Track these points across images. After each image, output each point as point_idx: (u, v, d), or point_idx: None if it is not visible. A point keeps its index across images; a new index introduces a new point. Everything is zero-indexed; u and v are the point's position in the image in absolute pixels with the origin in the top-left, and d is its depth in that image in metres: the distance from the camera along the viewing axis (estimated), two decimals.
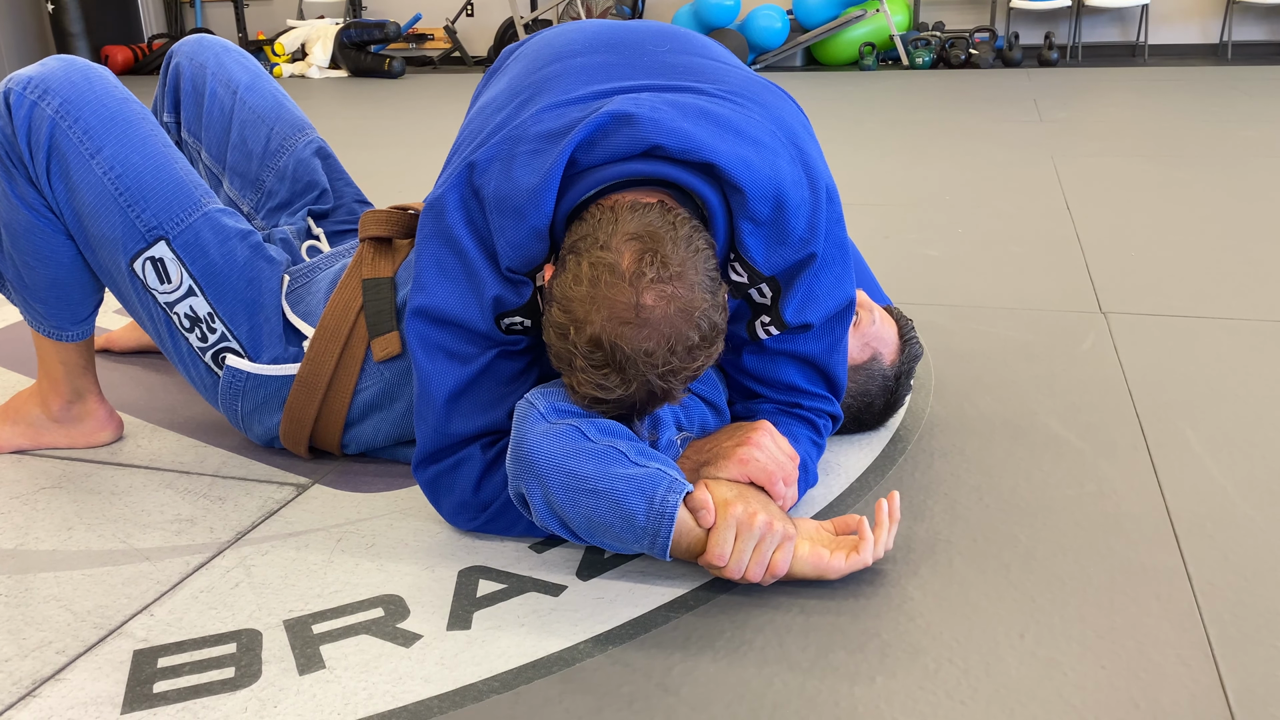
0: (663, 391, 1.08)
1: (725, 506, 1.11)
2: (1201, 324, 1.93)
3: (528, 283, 1.16)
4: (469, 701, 0.99)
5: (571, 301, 1.06)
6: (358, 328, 1.38)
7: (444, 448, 1.22)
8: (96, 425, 1.54)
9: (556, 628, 1.09)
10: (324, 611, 1.13)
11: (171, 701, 1.00)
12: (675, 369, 1.06)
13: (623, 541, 1.11)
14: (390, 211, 1.45)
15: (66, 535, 1.31)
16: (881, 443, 1.49)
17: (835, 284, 1.23)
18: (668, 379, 1.07)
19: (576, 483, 1.09)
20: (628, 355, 1.04)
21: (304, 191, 1.60)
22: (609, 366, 1.05)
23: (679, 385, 1.09)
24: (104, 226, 1.33)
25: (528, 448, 1.11)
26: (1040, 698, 0.97)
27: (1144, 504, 1.31)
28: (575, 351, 1.06)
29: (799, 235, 1.17)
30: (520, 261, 1.14)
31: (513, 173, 1.12)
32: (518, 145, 1.14)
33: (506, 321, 1.17)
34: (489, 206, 1.13)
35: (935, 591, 1.14)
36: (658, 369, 1.05)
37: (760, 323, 1.23)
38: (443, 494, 1.25)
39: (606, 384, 1.06)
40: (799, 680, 1.00)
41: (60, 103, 1.30)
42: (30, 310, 1.43)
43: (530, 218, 1.11)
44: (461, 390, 1.20)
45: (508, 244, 1.13)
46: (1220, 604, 1.10)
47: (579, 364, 1.07)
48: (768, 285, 1.20)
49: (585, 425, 1.12)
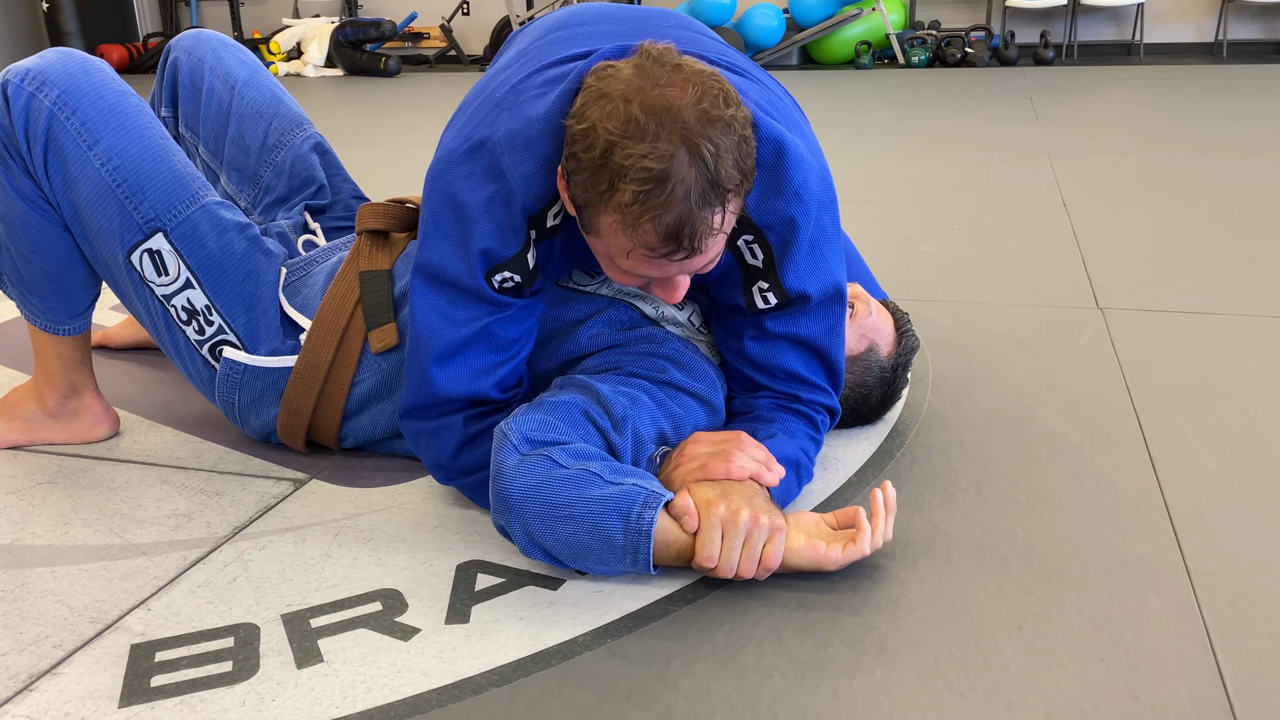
0: (713, 160, 0.98)
1: (708, 507, 1.11)
2: (1198, 319, 1.93)
3: (522, 234, 1.15)
4: (467, 695, 0.99)
5: (585, 112, 1.02)
6: (355, 320, 1.38)
7: (426, 405, 1.24)
8: (93, 420, 1.53)
9: (555, 621, 1.09)
10: (322, 606, 1.13)
11: (169, 695, 1.00)
12: (712, 118, 0.99)
13: (606, 563, 1.11)
14: (387, 205, 1.45)
15: (63, 530, 1.30)
16: (879, 437, 1.49)
17: (834, 260, 1.24)
18: (709, 136, 0.98)
19: (552, 510, 1.10)
20: (658, 109, 0.98)
21: (301, 187, 1.60)
22: (642, 135, 0.98)
23: (726, 161, 1.00)
24: (101, 218, 1.33)
25: (503, 484, 1.12)
26: (1039, 690, 0.97)
27: (1142, 497, 1.31)
28: (606, 144, 0.99)
29: (793, 189, 1.17)
30: (534, 197, 1.13)
31: (520, 112, 1.13)
32: (523, 93, 1.15)
33: (498, 278, 1.17)
34: (500, 149, 1.13)
35: (934, 585, 1.14)
36: (692, 126, 0.98)
37: (758, 288, 1.23)
38: (422, 449, 1.28)
39: (648, 162, 0.97)
40: (798, 673, 1.00)
41: (58, 94, 1.30)
42: (27, 304, 1.43)
43: (539, 147, 1.11)
44: (449, 353, 1.20)
45: (521, 178, 1.12)
46: (1218, 596, 1.10)
47: (615, 158, 0.98)
48: (759, 245, 1.20)
49: (557, 453, 1.13)
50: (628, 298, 1.33)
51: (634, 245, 1.03)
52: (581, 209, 1.06)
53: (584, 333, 1.30)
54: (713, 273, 1.24)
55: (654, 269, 1.06)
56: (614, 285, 1.34)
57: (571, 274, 1.35)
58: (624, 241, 1.03)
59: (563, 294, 1.33)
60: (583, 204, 1.05)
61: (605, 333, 1.30)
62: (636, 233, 1.01)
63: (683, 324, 1.34)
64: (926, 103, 5.16)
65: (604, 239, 1.06)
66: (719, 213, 1.02)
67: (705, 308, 1.36)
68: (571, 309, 1.32)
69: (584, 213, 1.06)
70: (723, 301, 1.28)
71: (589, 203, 1.04)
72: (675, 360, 1.26)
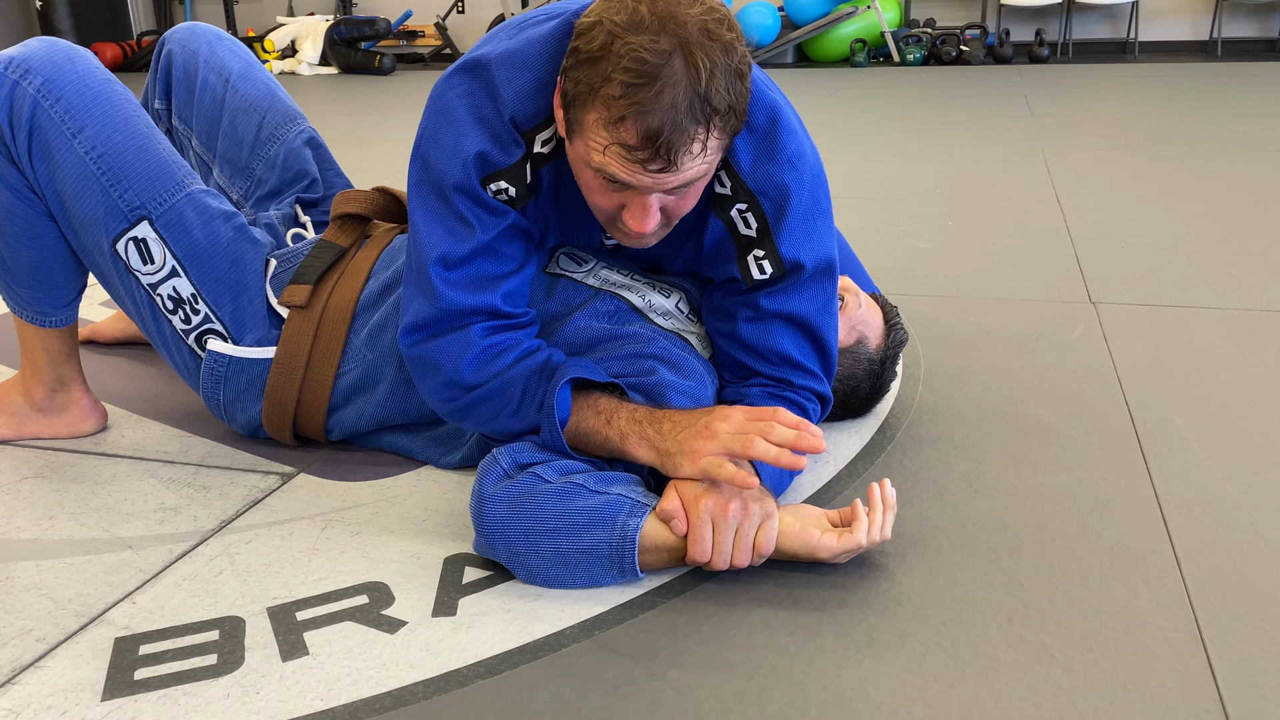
0: (706, 74, 0.99)
1: (695, 502, 1.11)
2: (1190, 314, 1.93)
3: (521, 144, 1.16)
4: (454, 687, 0.98)
5: (592, 10, 1.04)
6: (331, 307, 1.37)
7: (434, 319, 1.20)
8: (80, 415, 1.52)
9: (543, 614, 1.08)
10: (308, 599, 1.12)
11: (153, 688, 0.99)
12: (714, 35, 1.00)
13: (593, 576, 1.11)
14: (369, 191, 1.45)
15: (48, 524, 1.29)
16: (870, 430, 1.49)
17: (826, 234, 1.25)
18: (707, 51, 0.99)
19: (537, 525, 1.10)
20: (664, 13, 0.99)
21: (294, 180, 1.59)
22: (643, 29, 0.99)
23: (719, 81, 1.00)
24: (86, 207, 1.32)
25: (484, 510, 1.12)
26: (1028, 680, 0.96)
27: (1132, 490, 1.30)
28: (608, 34, 1.00)
29: (786, 155, 1.18)
30: (525, 113, 1.14)
31: (519, 35, 1.15)
32: (522, 27, 1.17)
33: (493, 187, 1.17)
34: (494, 66, 1.14)
35: (923, 576, 1.13)
36: (693, 35, 0.99)
37: (753, 257, 1.23)
38: (428, 369, 1.22)
39: (643, 54, 0.98)
40: (786, 664, 1.00)
41: (42, 82, 1.29)
42: (13, 295, 1.42)
43: (536, 66, 1.13)
44: (454, 264, 1.19)
45: (513, 93, 1.14)
46: (1208, 587, 1.10)
47: (614, 48, 0.99)
48: (752, 213, 1.20)
49: (543, 469, 1.13)
50: (613, 288, 1.32)
51: (612, 141, 1.03)
52: (570, 105, 1.06)
53: (570, 325, 1.29)
54: (705, 249, 1.24)
55: (628, 173, 1.05)
56: (601, 274, 1.34)
57: (558, 258, 1.35)
58: (604, 137, 1.04)
59: (549, 283, 1.33)
60: (573, 98, 1.05)
61: (592, 324, 1.29)
62: (619, 129, 1.02)
63: (671, 312, 1.33)
64: (921, 101, 5.15)
65: (587, 136, 1.06)
66: (701, 132, 1.02)
67: (694, 298, 1.36)
68: (558, 301, 1.31)
69: (572, 108, 1.06)
70: (716, 278, 1.28)
71: (578, 96, 1.04)
72: (664, 359, 1.26)
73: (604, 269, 1.34)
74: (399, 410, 1.38)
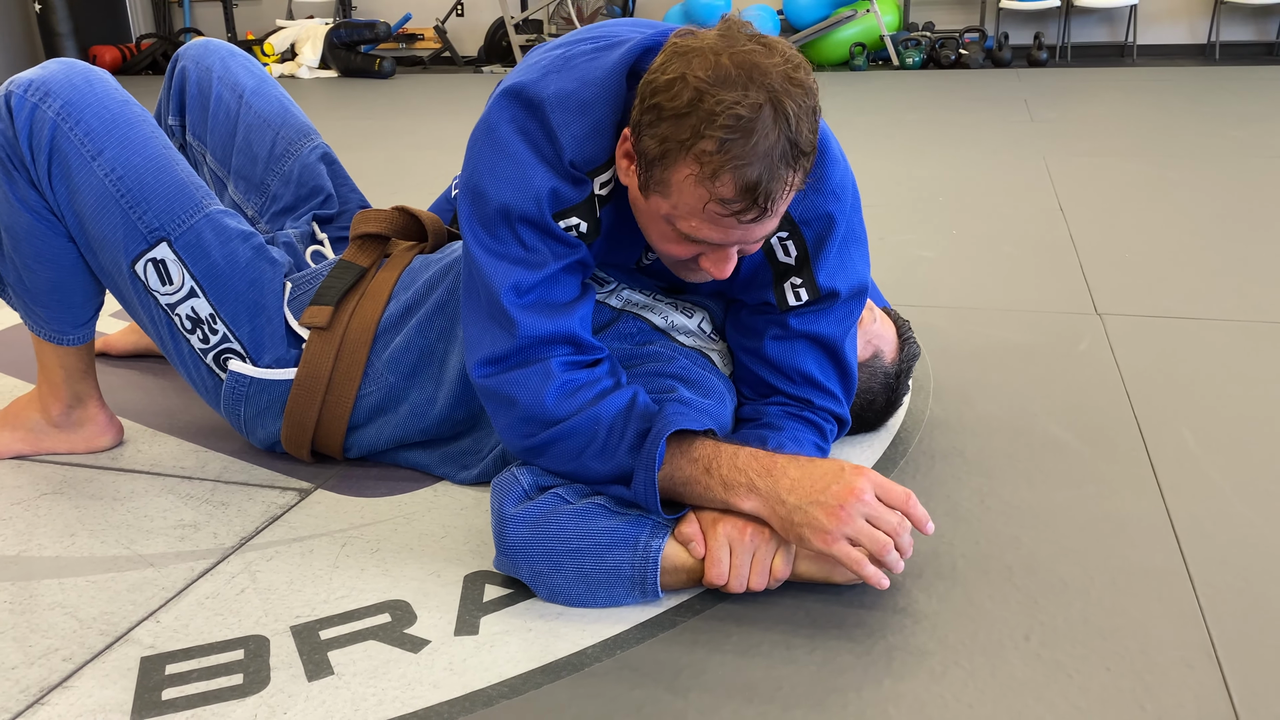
0: (794, 121, 1.01)
1: (714, 526, 1.12)
2: (1196, 325, 1.94)
3: (587, 181, 1.15)
4: (479, 707, 0.99)
5: (669, 66, 1.02)
6: (352, 329, 1.38)
7: (518, 348, 1.15)
8: (97, 430, 1.53)
9: (564, 632, 1.10)
10: (331, 617, 1.13)
11: (181, 709, 1.00)
12: (795, 82, 1.02)
13: (614, 596, 1.12)
14: (389, 211, 1.46)
15: (69, 541, 1.30)
16: (883, 445, 1.50)
17: (862, 260, 1.27)
18: (793, 98, 1.01)
19: (559, 545, 1.11)
20: (747, 64, 1.00)
21: (309, 196, 1.60)
22: (733, 84, 0.99)
23: (805, 125, 1.02)
24: (105, 228, 1.33)
25: (506, 530, 1.13)
26: (1047, 700, 0.98)
27: (1144, 506, 1.32)
28: (695, 91, 1.00)
29: (831, 187, 1.20)
30: (584, 157, 1.13)
31: (574, 73, 1.13)
32: (571, 60, 1.15)
33: (564, 223, 1.16)
34: (549, 106, 1.12)
35: (939, 594, 1.14)
36: (778, 85, 1.00)
37: (791, 284, 1.24)
38: (504, 403, 1.17)
39: (739, 109, 0.98)
40: (807, 684, 1.01)
41: (61, 105, 1.30)
42: (31, 314, 1.43)
43: (595, 109, 1.12)
44: (528, 288, 1.15)
45: (572, 138, 1.12)
46: (1221, 605, 1.11)
47: (705, 104, 0.99)
48: (793, 241, 1.21)
49: (564, 490, 1.14)
50: (636, 309, 1.34)
51: (709, 198, 1.02)
52: (652, 164, 1.05)
53: None
54: (741, 272, 1.24)
55: (717, 231, 1.06)
56: (624, 295, 1.34)
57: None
58: (698, 195, 1.03)
59: None
60: (656, 156, 1.04)
61: (615, 346, 1.30)
62: (714, 184, 1.01)
63: (694, 332, 1.34)
64: (921, 105, 5.17)
65: (673, 195, 1.05)
66: (793, 176, 1.04)
67: (717, 317, 1.37)
68: None
69: (655, 167, 1.05)
70: (749, 301, 1.29)
71: (665, 154, 1.03)
72: (684, 378, 1.26)
73: (626, 290, 1.35)
74: (417, 429, 1.39)
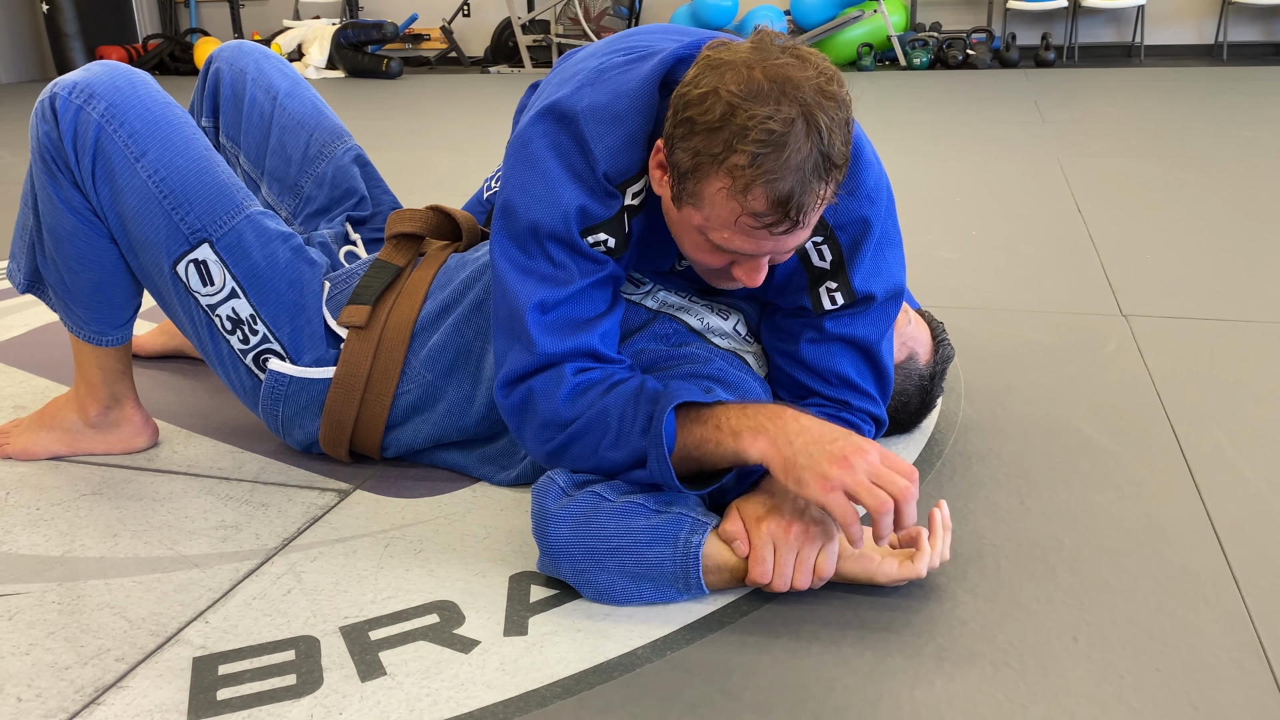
0: (827, 133, 1.01)
1: (758, 525, 1.12)
2: (1222, 326, 1.95)
3: (618, 196, 1.16)
4: (534, 707, 1.00)
5: (701, 79, 1.03)
6: (390, 327, 1.38)
7: (531, 370, 1.18)
8: (133, 431, 1.54)
9: (613, 633, 1.10)
10: (380, 618, 1.14)
11: (236, 709, 1.00)
12: (828, 94, 1.02)
13: (660, 592, 1.13)
14: (423, 211, 1.46)
15: (113, 542, 1.31)
16: (918, 446, 1.51)
17: (897, 263, 1.27)
18: (826, 110, 1.01)
19: (601, 543, 1.11)
20: (779, 78, 1.00)
21: (342, 198, 1.61)
22: (765, 99, 1.00)
23: (838, 138, 1.02)
24: (148, 229, 1.34)
25: (549, 530, 1.13)
26: (1099, 700, 0.98)
27: (1183, 506, 1.32)
28: (728, 105, 1.00)
29: (866, 191, 1.20)
30: (617, 168, 1.14)
31: (607, 86, 1.14)
32: (605, 72, 1.16)
33: (591, 239, 1.17)
34: (583, 119, 1.13)
35: (985, 595, 1.15)
36: (810, 98, 1.01)
37: (826, 288, 1.25)
38: (528, 415, 1.20)
39: (771, 124, 0.99)
40: (859, 684, 1.01)
41: (106, 107, 1.31)
42: (71, 315, 1.43)
43: (628, 121, 1.12)
44: (552, 306, 1.17)
45: (605, 150, 1.13)
46: (1268, 605, 1.11)
47: (737, 119, 1.00)
48: (828, 246, 1.22)
49: (602, 488, 1.15)
50: (672, 310, 1.34)
51: (741, 211, 1.03)
52: (685, 176, 1.06)
53: (629, 348, 1.31)
54: (775, 277, 1.25)
55: (749, 243, 1.07)
56: (659, 296, 1.35)
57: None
58: (730, 208, 1.04)
59: None
60: (689, 169, 1.05)
61: (650, 348, 1.30)
62: (746, 197, 1.02)
63: (729, 334, 1.35)
64: (930, 105, 5.17)
65: (705, 207, 1.06)
66: (825, 188, 1.04)
67: (752, 320, 1.37)
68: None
69: (687, 180, 1.06)
70: (784, 305, 1.30)
71: (697, 167, 1.04)
72: (720, 380, 1.27)
73: (661, 291, 1.36)
74: (455, 428, 1.40)
